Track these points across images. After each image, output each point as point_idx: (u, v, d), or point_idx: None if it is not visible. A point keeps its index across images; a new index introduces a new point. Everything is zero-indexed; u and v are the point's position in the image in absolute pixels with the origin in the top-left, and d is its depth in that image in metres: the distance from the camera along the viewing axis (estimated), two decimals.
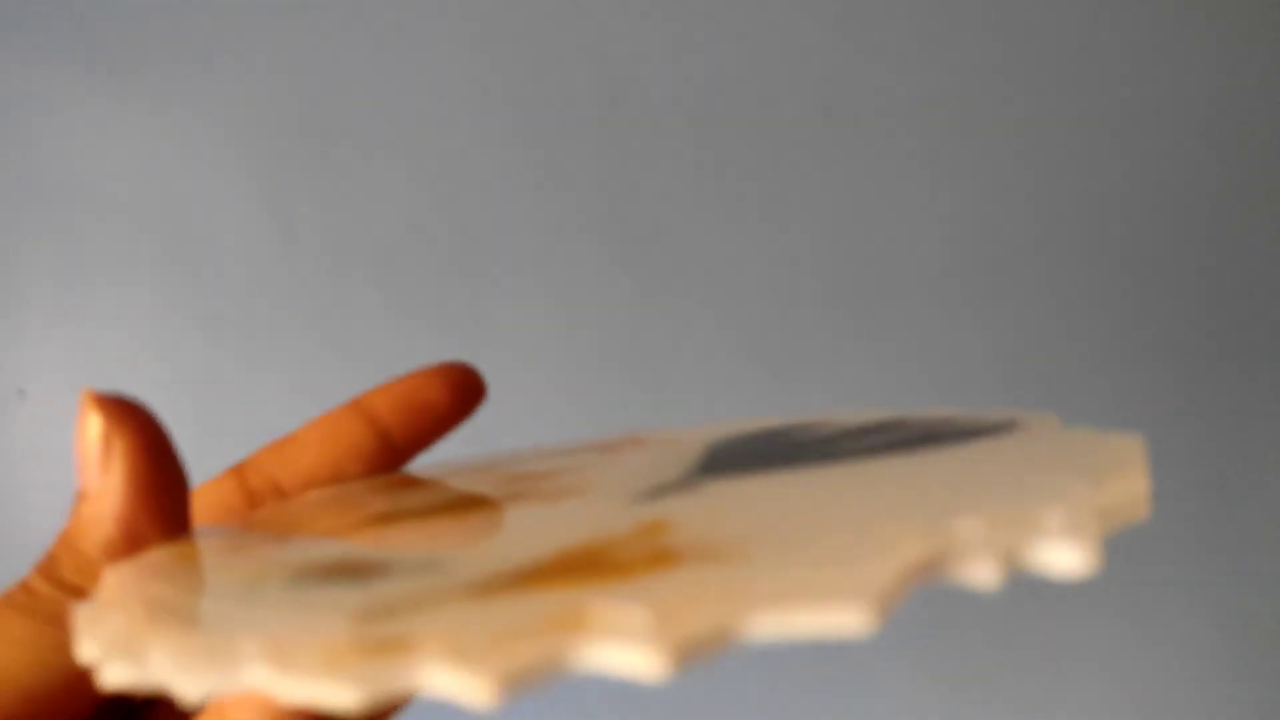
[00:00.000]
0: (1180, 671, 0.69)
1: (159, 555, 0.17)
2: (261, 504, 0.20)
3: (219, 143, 0.70)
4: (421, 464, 0.23)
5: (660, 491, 0.16)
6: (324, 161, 0.69)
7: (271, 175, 0.70)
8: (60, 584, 0.17)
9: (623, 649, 0.10)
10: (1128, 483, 0.13)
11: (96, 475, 0.17)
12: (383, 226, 0.69)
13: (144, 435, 0.17)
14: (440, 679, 0.10)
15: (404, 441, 0.22)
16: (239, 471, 0.20)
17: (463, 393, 0.22)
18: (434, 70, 0.69)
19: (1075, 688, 0.69)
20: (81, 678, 0.17)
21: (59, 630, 0.17)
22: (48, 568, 0.17)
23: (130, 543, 0.17)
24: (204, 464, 0.68)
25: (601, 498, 0.16)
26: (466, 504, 0.17)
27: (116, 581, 0.15)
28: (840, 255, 0.68)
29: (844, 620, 0.10)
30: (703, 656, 0.10)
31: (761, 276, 0.68)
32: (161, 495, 0.17)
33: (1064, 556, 0.11)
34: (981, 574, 0.11)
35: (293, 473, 0.20)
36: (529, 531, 0.14)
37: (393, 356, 0.69)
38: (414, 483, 0.21)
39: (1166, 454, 0.68)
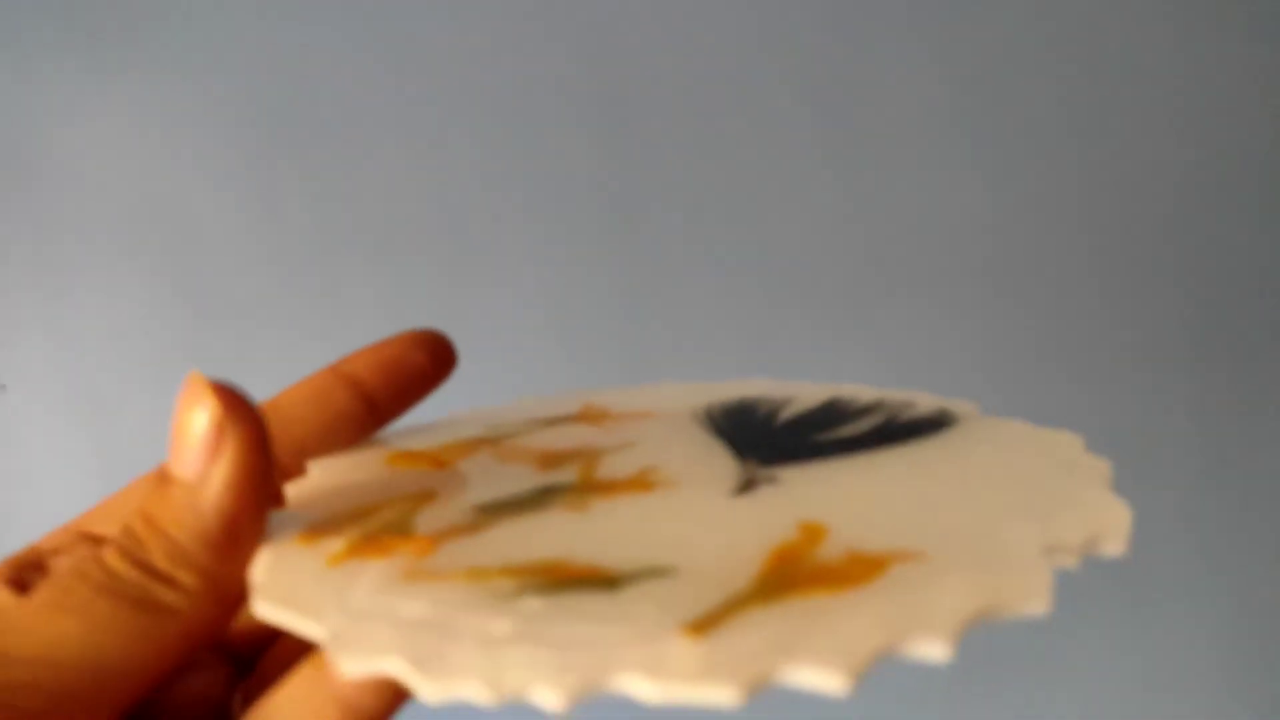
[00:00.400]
0: (1181, 672, 0.68)
1: (303, 558, 0.17)
2: None
3: (207, 125, 0.69)
4: (390, 434, 0.23)
5: (749, 485, 0.19)
6: (313, 146, 0.69)
7: (260, 160, 0.69)
8: (148, 569, 0.16)
9: (936, 641, 0.13)
10: (1107, 479, 0.18)
11: (198, 462, 0.16)
12: (372, 212, 0.69)
13: (256, 430, 0.17)
14: (808, 675, 0.13)
15: (385, 406, 0.22)
16: None
17: (437, 358, 0.22)
18: (424, 55, 0.69)
19: (1074, 688, 0.68)
20: (152, 668, 0.16)
21: (146, 617, 0.16)
22: (130, 549, 0.17)
23: (228, 538, 0.16)
24: None
25: (690, 490, 0.19)
26: (560, 495, 0.19)
27: (318, 588, 0.15)
28: (836, 246, 0.68)
29: (1037, 609, 0.14)
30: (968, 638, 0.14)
31: (757, 267, 0.68)
32: (265, 493, 0.17)
33: (1114, 547, 0.16)
34: (1068, 564, 0.16)
35: (286, 442, 0.20)
36: (685, 533, 0.17)
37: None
38: (435, 460, 0.21)
39: (1170, 450, 0.68)
